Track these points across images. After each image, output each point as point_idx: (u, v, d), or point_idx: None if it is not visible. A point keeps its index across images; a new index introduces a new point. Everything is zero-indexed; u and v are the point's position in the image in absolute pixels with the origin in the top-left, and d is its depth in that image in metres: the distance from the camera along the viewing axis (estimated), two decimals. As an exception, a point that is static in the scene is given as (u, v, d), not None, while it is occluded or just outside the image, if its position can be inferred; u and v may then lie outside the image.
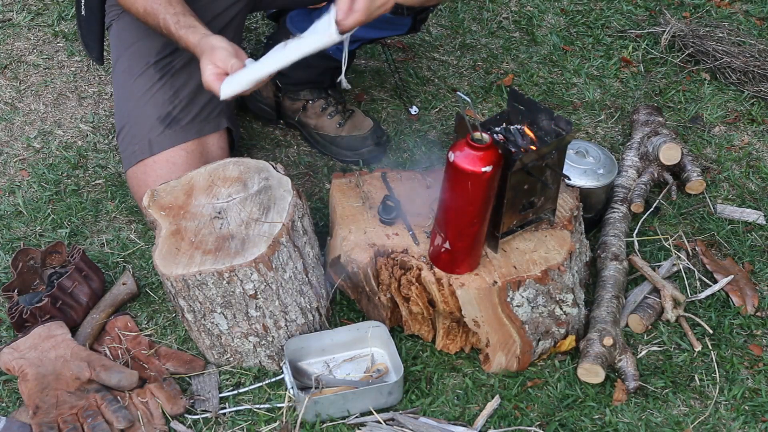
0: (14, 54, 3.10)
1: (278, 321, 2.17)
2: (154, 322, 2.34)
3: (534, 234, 2.21)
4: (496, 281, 2.10)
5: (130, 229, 2.56)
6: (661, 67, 3.14)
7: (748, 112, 2.98)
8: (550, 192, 2.17)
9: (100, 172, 2.71)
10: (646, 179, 2.64)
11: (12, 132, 2.84)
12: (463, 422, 2.15)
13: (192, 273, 2.07)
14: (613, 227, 2.49)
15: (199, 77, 2.47)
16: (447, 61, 3.14)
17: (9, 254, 2.45)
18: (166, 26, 2.21)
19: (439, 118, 2.93)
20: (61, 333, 2.20)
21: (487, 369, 2.25)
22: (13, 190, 2.66)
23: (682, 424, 2.17)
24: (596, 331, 2.23)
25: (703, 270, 2.49)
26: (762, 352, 2.32)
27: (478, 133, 1.98)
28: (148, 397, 2.13)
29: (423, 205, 2.28)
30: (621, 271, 2.38)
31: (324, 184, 2.70)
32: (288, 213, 2.16)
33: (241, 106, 2.87)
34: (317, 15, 2.67)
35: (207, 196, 2.22)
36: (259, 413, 2.15)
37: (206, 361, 2.24)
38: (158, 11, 2.21)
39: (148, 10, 2.22)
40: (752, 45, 3.13)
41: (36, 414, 2.07)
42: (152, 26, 2.25)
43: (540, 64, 3.14)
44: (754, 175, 2.77)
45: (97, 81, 3.02)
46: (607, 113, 2.97)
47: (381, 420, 2.12)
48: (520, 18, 3.33)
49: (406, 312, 2.24)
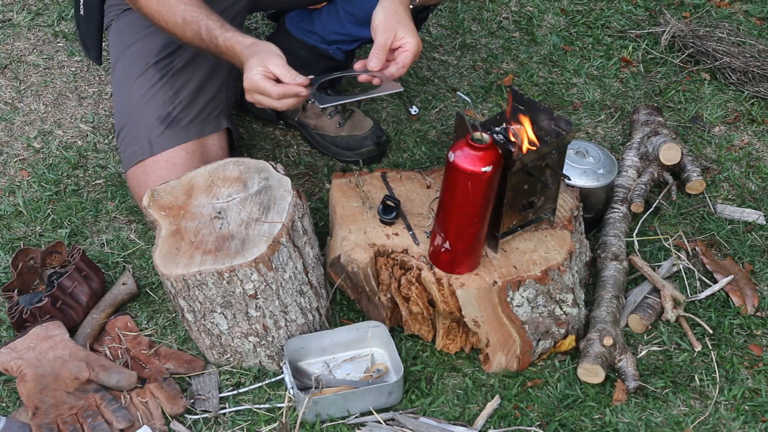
0: (14, 54, 3.10)
1: (278, 321, 2.17)
2: (154, 322, 2.34)
3: (534, 234, 2.21)
4: (496, 281, 2.10)
5: (130, 229, 2.56)
6: (661, 67, 3.14)
7: (748, 112, 2.98)
8: (550, 192, 2.17)
9: (100, 172, 2.71)
10: (646, 179, 2.64)
11: (12, 132, 2.84)
12: (463, 422, 2.15)
13: (192, 273, 2.07)
14: (613, 227, 2.49)
15: (200, 77, 2.48)
16: (447, 61, 3.14)
17: (9, 254, 2.45)
18: (209, 32, 2.19)
19: (439, 118, 2.93)
20: (59, 333, 2.20)
21: (487, 369, 2.25)
22: (13, 190, 2.66)
23: (682, 424, 2.17)
24: (596, 331, 2.23)
25: (703, 270, 2.49)
26: (762, 352, 2.32)
27: (478, 133, 1.98)
28: (148, 397, 2.13)
29: (423, 205, 2.28)
30: (621, 271, 2.38)
31: (324, 184, 2.70)
32: (288, 213, 2.15)
33: (241, 107, 2.87)
34: (317, 15, 2.68)
35: (207, 196, 2.22)
36: (259, 413, 2.15)
37: (206, 361, 2.24)
38: (199, 19, 2.20)
39: (188, 19, 2.21)
40: (752, 45, 3.13)
41: (35, 415, 2.07)
42: (189, 36, 2.23)
43: (540, 64, 3.14)
44: (754, 175, 2.77)
45: (97, 81, 3.02)
46: (607, 113, 2.97)
47: (381, 420, 2.12)
48: (520, 18, 3.33)
49: (406, 312, 2.24)
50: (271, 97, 2.10)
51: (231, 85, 2.60)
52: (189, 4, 2.21)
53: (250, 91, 2.12)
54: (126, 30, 2.52)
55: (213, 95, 2.49)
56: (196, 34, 2.21)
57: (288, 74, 2.09)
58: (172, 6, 2.21)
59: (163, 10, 2.23)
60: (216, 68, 2.51)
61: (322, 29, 2.62)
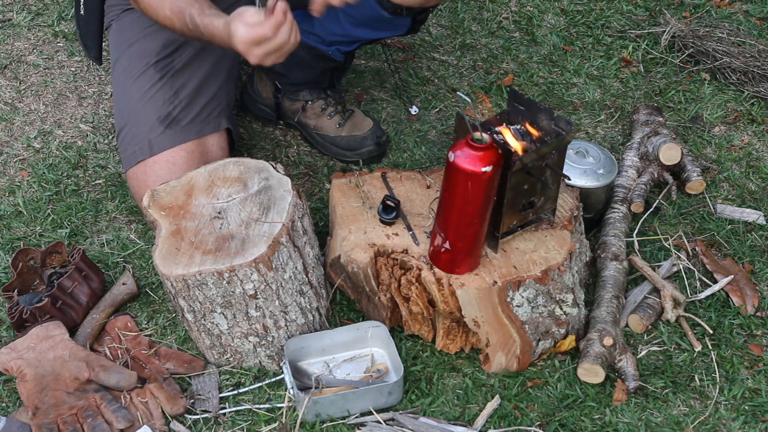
0: (14, 54, 3.10)
1: (278, 321, 2.17)
2: (154, 322, 2.34)
3: (534, 234, 2.21)
4: (496, 281, 2.10)
5: (130, 229, 2.56)
6: (661, 67, 3.14)
7: (748, 112, 2.98)
8: (550, 192, 2.17)
9: (100, 172, 2.71)
10: (646, 179, 2.64)
11: (12, 132, 2.84)
12: (463, 422, 2.15)
13: (192, 273, 2.07)
14: (613, 227, 2.49)
15: (200, 77, 2.48)
16: (447, 61, 3.14)
17: (9, 254, 2.45)
18: (192, 19, 2.15)
19: (439, 118, 2.93)
20: (59, 333, 2.20)
21: (487, 369, 2.25)
22: (13, 190, 2.66)
23: (682, 424, 2.17)
24: (596, 331, 2.23)
25: (703, 270, 2.49)
26: (762, 352, 2.32)
27: (478, 133, 1.98)
28: (148, 397, 2.13)
29: (423, 205, 2.28)
30: (621, 271, 2.38)
31: (324, 184, 2.70)
32: (288, 213, 2.15)
33: (241, 107, 2.87)
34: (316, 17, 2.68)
35: (207, 196, 2.22)
36: (259, 413, 2.15)
37: (206, 361, 2.24)
38: (183, 9, 2.17)
39: (174, 10, 2.18)
40: (752, 45, 3.13)
41: (35, 415, 2.07)
42: (178, 28, 2.20)
43: (540, 64, 3.14)
44: (754, 175, 2.77)
45: (97, 81, 3.02)
46: (607, 113, 2.97)
47: (381, 420, 2.12)
48: (520, 18, 3.33)
49: (406, 312, 2.24)
50: (270, 38, 2.02)
51: (231, 85, 2.60)
52: None
53: (250, 48, 2.04)
54: (126, 30, 2.52)
55: (213, 95, 2.50)
56: (184, 24, 2.19)
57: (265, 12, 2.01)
58: None
59: (153, 3, 2.22)
60: (216, 68, 2.51)
61: (322, 30, 2.62)
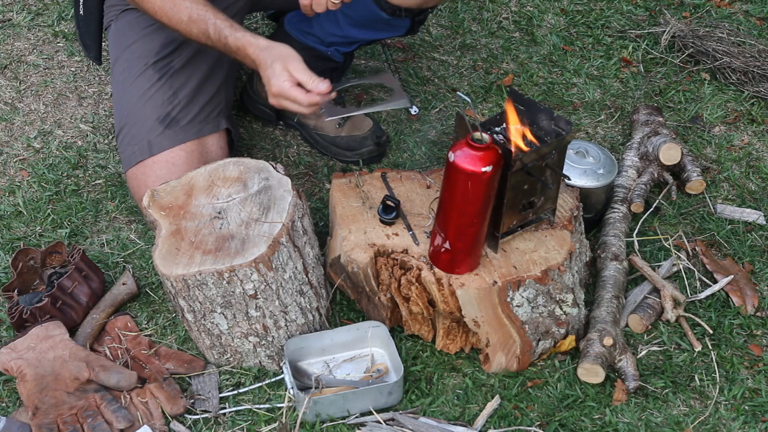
0: (14, 54, 3.10)
1: (278, 321, 2.17)
2: (154, 322, 2.34)
3: (534, 234, 2.21)
4: (496, 281, 2.10)
5: (130, 229, 2.56)
6: (661, 67, 3.14)
7: (748, 112, 2.98)
8: (550, 192, 2.17)
9: (100, 172, 2.71)
10: (646, 179, 2.64)
11: (12, 132, 2.84)
12: (463, 422, 2.15)
13: (192, 273, 2.07)
14: (613, 227, 2.49)
15: (199, 77, 2.48)
16: (447, 61, 3.14)
17: (9, 254, 2.45)
18: (217, 31, 2.21)
19: (439, 118, 2.93)
20: (59, 333, 2.20)
21: (487, 369, 2.25)
22: (13, 190, 2.66)
23: (682, 424, 2.17)
24: (596, 331, 2.23)
25: (703, 270, 2.49)
26: (762, 352, 2.32)
27: (478, 133, 1.98)
28: (148, 397, 2.13)
29: (423, 205, 2.28)
30: (621, 271, 2.38)
31: (324, 184, 2.70)
32: (288, 213, 2.15)
33: (240, 107, 2.87)
34: (315, 17, 2.68)
35: (207, 196, 2.22)
36: (259, 413, 2.15)
37: (206, 361, 2.24)
38: (206, 17, 2.22)
39: (194, 17, 2.22)
40: (752, 45, 3.13)
41: (35, 415, 2.07)
42: (195, 34, 2.24)
43: (540, 64, 3.14)
44: (754, 175, 2.77)
45: (97, 81, 3.02)
46: (607, 113, 2.97)
47: (381, 420, 2.12)
48: (520, 18, 3.33)
49: (406, 312, 2.24)
50: (301, 105, 2.15)
51: (230, 85, 2.60)
52: (194, 1, 2.22)
53: (278, 98, 2.16)
54: (125, 30, 2.52)
55: (212, 95, 2.50)
56: (203, 32, 2.22)
57: (310, 80, 2.13)
58: (176, 3, 2.23)
59: (166, 7, 2.24)
60: (215, 68, 2.51)
61: (321, 31, 2.63)
